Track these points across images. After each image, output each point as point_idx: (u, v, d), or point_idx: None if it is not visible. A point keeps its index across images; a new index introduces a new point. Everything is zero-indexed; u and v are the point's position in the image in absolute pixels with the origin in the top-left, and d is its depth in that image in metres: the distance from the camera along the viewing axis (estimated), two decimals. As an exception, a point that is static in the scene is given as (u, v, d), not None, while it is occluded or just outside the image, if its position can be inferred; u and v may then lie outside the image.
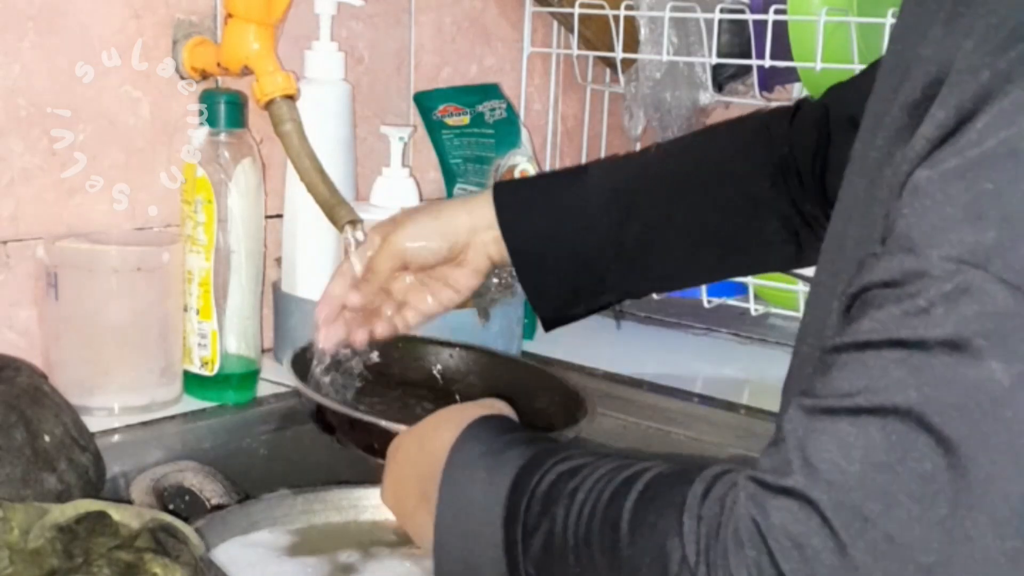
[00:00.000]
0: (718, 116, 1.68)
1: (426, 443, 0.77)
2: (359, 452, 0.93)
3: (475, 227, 0.92)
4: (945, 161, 0.53)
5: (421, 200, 1.24)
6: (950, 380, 0.52)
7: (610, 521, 0.62)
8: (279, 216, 1.23)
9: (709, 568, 0.55)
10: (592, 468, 0.65)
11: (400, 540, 0.89)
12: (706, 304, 1.44)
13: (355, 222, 1.06)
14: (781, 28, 1.33)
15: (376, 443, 0.90)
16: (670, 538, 0.58)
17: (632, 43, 1.46)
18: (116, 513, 0.70)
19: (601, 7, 1.46)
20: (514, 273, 1.28)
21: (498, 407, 0.81)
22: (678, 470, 0.62)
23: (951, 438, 0.51)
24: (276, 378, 1.18)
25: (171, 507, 0.93)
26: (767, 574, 0.53)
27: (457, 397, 1.04)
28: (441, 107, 1.38)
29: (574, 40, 1.53)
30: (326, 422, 0.95)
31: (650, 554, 0.59)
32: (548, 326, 0.97)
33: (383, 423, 0.90)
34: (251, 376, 1.15)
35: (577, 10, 1.47)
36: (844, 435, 0.53)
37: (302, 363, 1.00)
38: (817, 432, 0.54)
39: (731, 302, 1.46)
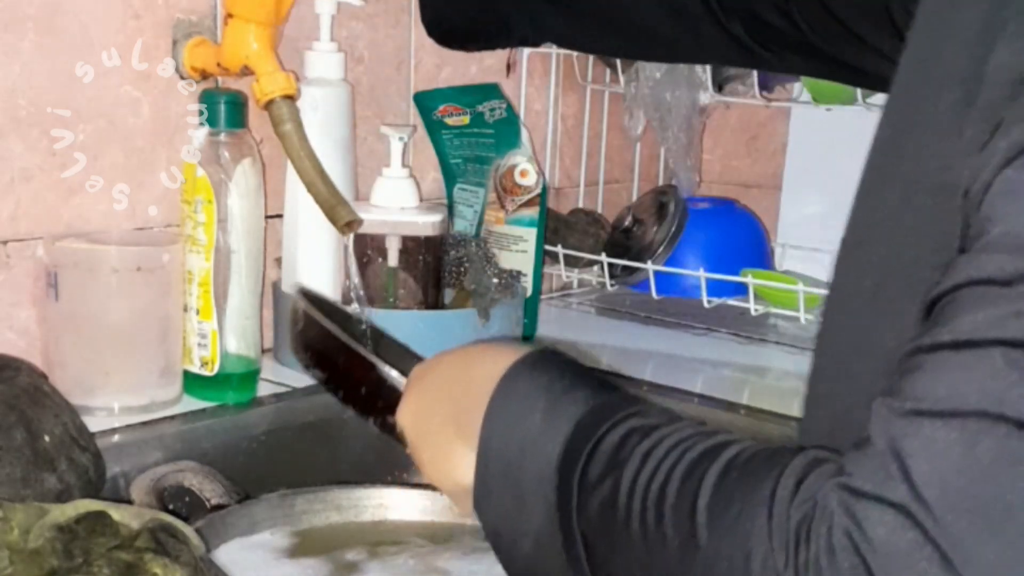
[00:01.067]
0: (718, 116, 1.68)
1: (470, 366, 0.71)
2: (358, 405, 0.83)
3: None
4: None
5: (421, 201, 1.24)
6: None
7: (687, 501, 0.57)
8: (279, 216, 1.23)
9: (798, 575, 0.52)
10: (667, 431, 0.60)
11: (402, 540, 0.89)
12: (706, 304, 1.44)
13: (355, 222, 1.06)
14: (781, 28, 1.33)
15: (380, 392, 0.80)
16: (755, 534, 0.53)
17: (632, 43, 1.46)
18: (116, 513, 0.70)
19: (601, 7, 1.45)
20: (514, 274, 1.28)
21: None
22: (765, 452, 0.57)
23: None
24: (276, 378, 1.18)
25: (171, 507, 0.93)
26: None
27: None
28: (441, 107, 1.38)
29: (574, 40, 1.53)
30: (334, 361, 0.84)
31: (731, 549, 0.54)
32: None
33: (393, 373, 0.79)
34: (251, 376, 1.15)
35: (577, 10, 1.47)
36: (946, 442, 0.50)
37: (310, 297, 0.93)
38: (913, 438, 0.51)
39: (731, 302, 1.46)
